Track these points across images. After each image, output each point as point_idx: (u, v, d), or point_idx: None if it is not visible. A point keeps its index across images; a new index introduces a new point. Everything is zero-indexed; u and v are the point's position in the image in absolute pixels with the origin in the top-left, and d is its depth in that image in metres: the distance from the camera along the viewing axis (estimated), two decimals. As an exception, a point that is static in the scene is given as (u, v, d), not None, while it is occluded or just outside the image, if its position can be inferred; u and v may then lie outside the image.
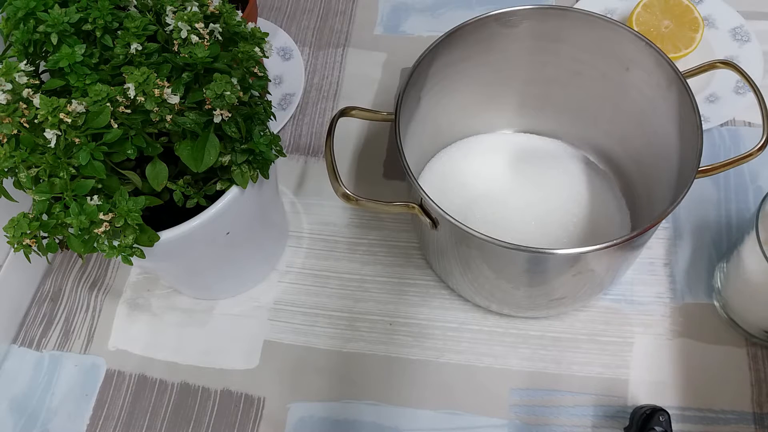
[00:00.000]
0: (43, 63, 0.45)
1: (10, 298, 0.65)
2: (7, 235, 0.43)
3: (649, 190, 0.60)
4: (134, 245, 0.45)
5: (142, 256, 0.46)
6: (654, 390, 0.58)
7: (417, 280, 0.65)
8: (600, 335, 0.60)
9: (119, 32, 0.45)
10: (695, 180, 0.48)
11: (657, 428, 0.52)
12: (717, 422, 0.56)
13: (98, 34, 0.44)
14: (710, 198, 0.67)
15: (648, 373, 0.58)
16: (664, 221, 0.47)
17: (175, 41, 0.45)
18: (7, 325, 0.65)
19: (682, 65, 0.55)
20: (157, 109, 0.42)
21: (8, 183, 0.44)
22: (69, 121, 0.40)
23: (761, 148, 0.51)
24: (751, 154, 0.51)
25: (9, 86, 0.40)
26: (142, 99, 0.42)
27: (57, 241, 0.45)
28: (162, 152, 0.46)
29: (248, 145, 0.48)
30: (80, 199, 0.42)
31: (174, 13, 0.45)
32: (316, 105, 0.77)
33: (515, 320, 0.62)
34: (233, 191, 0.50)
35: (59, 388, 0.62)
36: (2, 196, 0.46)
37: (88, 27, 0.44)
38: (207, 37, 0.45)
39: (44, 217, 0.43)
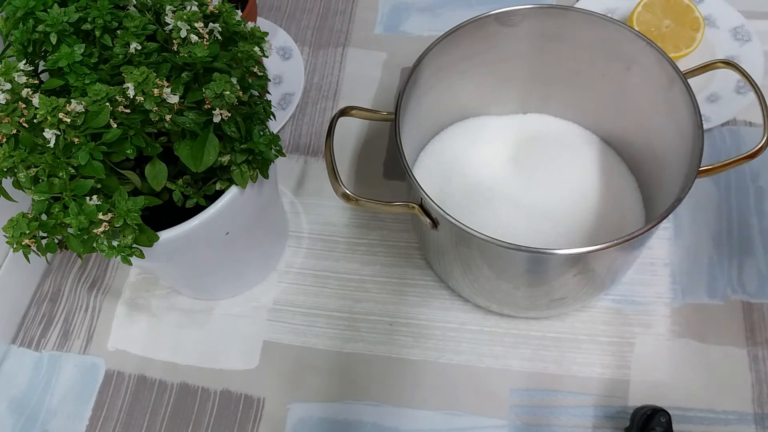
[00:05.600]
0: (42, 62, 0.45)
1: (9, 299, 0.65)
2: (6, 235, 0.42)
3: (649, 190, 0.60)
4: (133, 245, 0.44)
5: (142, 256, 0.45)
6: (654, 390, 0.57)
7: (417, 281, 0.65)
8: (600, 335, 0.60)
9: (118, 32, 0.45)
10: (696, 180, 0.48)
11: (657, 429, 0.52)
12: (717, 422, 0.56)
13: (97, 33, 0.44)
14: (711, 198, 0.66)
15: (648, 374, 0.58)
16: (664, 221, 0.47)
17: (174, 41, 0.44)
18: (6, 326, 0.65)
19: (683, 65, 0.55)
20: (156, 108, 0.42)
21: (7, 183, 0.44)
22: (68, 120, 0.40)
23: (762, 148, 0.51)
24: (751, 154, 0.51)
25: (8, 86, 0.40)
26: (142, 99, 0.42)
27: (56, 241, 0.44)
28: (161, 152, 0.46)
29: (248, 145, 0.48)
30: (79, 199, 0.42)
31: (173, 12, 0.45)
32: (315, 104, 0.77)
33: (516, 321, 0.62)
34: (233, 191, 0.50)
35: (58, 389, 0.62)
36: (1, 196, 0.46)
37: (87, 26, 0.44)
38: (206, 36, 0.45)
39: (43, 217, 0.43)
